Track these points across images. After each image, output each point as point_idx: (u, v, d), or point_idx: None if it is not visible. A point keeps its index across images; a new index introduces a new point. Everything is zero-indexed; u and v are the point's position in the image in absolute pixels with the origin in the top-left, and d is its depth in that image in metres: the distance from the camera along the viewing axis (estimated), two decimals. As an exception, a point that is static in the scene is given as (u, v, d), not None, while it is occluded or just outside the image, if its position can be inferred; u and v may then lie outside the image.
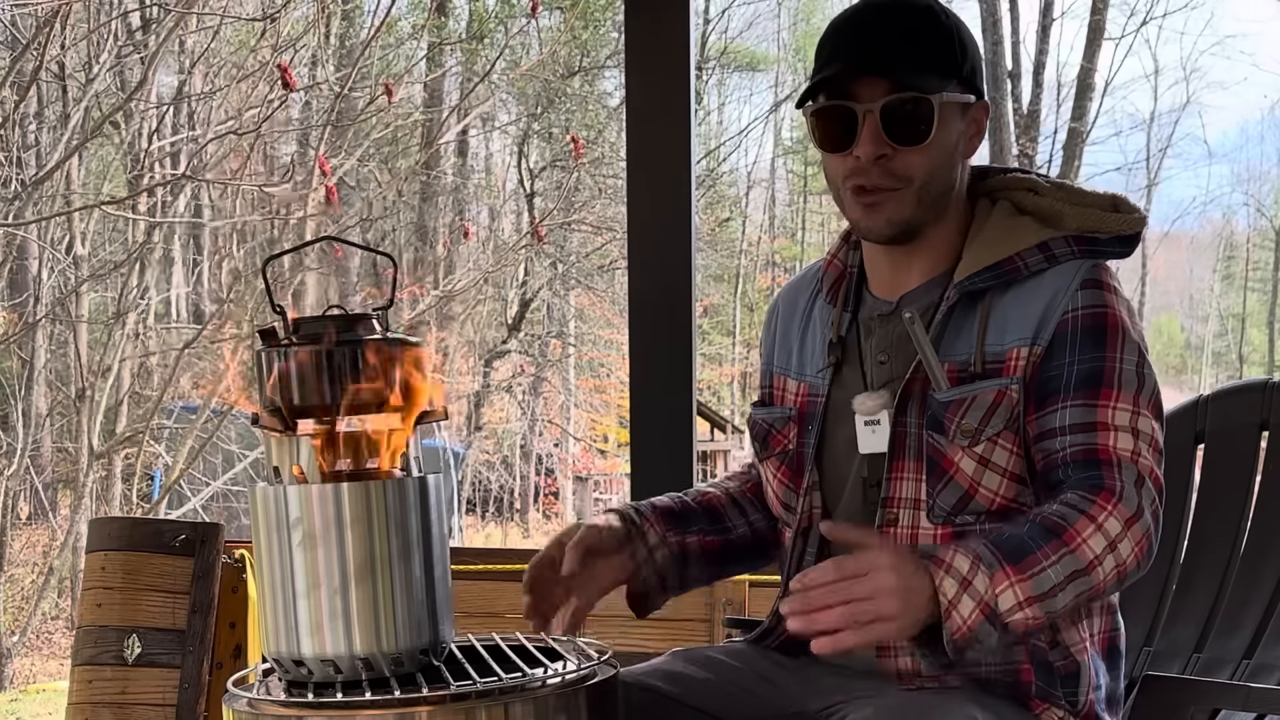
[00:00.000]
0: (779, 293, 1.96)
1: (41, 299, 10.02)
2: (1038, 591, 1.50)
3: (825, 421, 1.77)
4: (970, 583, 1.49)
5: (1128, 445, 1.60)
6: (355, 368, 1.45)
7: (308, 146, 10.82)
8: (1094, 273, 1.67)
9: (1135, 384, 1.63)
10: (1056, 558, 1.52)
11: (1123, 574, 1.56)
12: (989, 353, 1.66)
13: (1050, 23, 17.51)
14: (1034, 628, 1.52)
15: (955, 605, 1.48)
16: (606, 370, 16.83)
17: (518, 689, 1.43)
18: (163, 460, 10.27)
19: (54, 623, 10.53)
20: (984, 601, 1.49)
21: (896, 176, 1.66)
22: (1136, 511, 1.57)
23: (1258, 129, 26.92)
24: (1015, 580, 1.50)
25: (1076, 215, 1.70)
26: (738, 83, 20.25)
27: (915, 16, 1.68)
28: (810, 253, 20.68)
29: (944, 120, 1.66)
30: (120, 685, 3.07)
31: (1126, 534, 1.55)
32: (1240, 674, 2.01)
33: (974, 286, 1.68)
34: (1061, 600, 1.52)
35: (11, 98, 8.17)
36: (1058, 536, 1.53)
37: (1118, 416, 1.61)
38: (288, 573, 1.45)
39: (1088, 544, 1.53)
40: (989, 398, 1.64)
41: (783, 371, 1.86)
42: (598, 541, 1.79)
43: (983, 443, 1.64)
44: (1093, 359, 1.62)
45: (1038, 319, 1.65)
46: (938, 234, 1.72)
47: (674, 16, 2.94)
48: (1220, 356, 23.59)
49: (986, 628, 1.50)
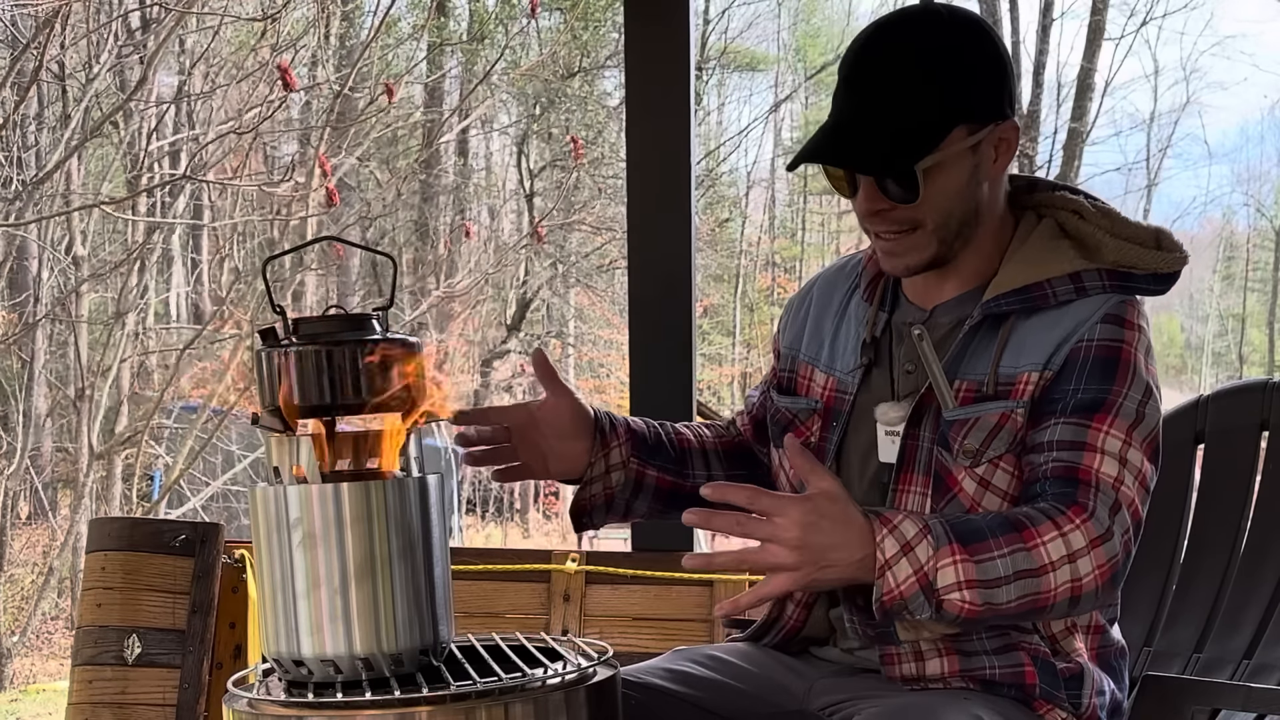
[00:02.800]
0: (815, 278, 1.93)
1: (41, 299, 10.02)
2: (981, 577, 1.48)
3: (850, 421, 1.76)
4: (912, 549, 1.48)
5: (1111, 471, 1.58)
6: (355, 368, 1.45)
7: (308, 146, 10.82)
8: (1119, 308, 1.65)
9: (1134, 417, 1.61)
10: (1009, 550, 1.50)
11: (1078, 592, 1.52)
12: (1002, 375, 1.65)
13: (1050, 23, 17.49)
14: (969, 616, 1.49)
15: (890, 566, 1.47)
16: (606, 370, 16.82)
17: (518, 689, 1.43)
18: (163, 460, 10.27)
19: (54, 623, 10.52)
20: (923, 571, 1.47)
21: (904, 221, 1.65)
22: (1105, 533, 1.54)
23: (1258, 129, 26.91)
24: (960, 559, 1.48)
25: (1115, 248, 1.68)
26: (738, 83, 20.23)
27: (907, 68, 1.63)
28: (810, 253, 20.66)
29: (939, 173, 1.63)
30: (120, 685, 3.07)
31: (1090, 552, 1.52)
32: (1240, 674, 2.01)
33: (999, 309, 1.67)
34: (1005, 595, 1.49)
35: (11, 98, 8.16)
36: (1016, 531, 1.51)
37: (1108, 443, 1.59)
38: (288, 573, 1.45)
39: (1045, 547, 1.51)
40: (993, 419, 1.64)
41: (811, 361, 1.84)
42: (564, 416, 1.79)
43: (984, 464, 1.64)
44: (1098, 390, 1.61)
45: (1054, 346, 1.64)
46: (973, 252, 1.70)
47: (674, 16, 2.94)
48: (1220, 356, 23.57)
49: (920, 599, 1.48)
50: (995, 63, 1.67)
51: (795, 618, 1.81)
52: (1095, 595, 1.54)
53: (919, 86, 1.63)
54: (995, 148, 1.67)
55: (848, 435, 1.76)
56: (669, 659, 1.81)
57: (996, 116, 1.66)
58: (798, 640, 1.82)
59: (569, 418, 1.81)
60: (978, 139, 1.65)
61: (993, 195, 1.70)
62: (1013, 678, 1.64)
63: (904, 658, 1.66)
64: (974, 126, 1.65)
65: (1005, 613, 1.51)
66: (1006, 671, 1.64)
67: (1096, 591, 1.54)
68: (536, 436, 1.80)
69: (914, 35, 1.65)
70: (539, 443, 1.81)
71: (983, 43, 1.67)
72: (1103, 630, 1.73)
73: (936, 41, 1.64)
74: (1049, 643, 1.67)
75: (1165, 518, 2.21)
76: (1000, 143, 1.67)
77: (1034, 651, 1.65)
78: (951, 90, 1.63)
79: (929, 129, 1.62)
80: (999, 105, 1.67)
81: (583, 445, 1.82)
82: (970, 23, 1.67)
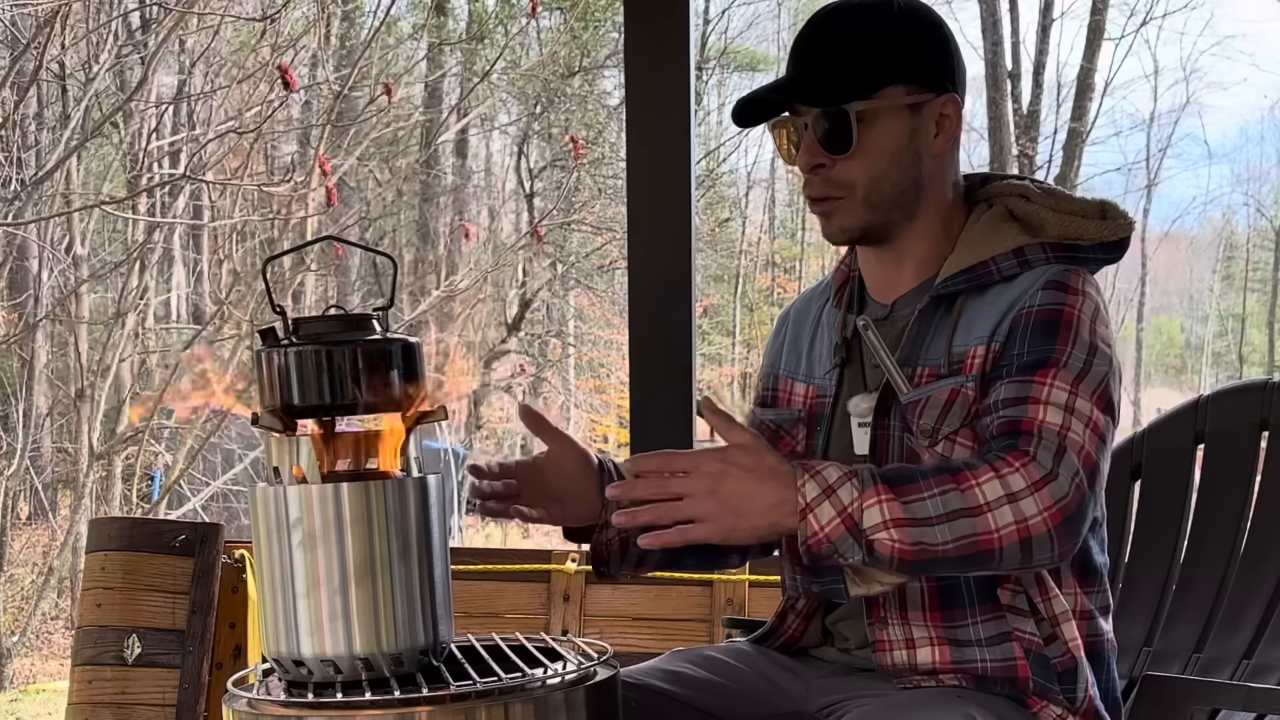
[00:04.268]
0: (792, 302, 1.97)
1: (41, 299, 10.02)
2: (910, 516, 1.46)
3: (832, 423, 1.77)
4: (835, 491, 1.47)
5: (1056, 419, 1.56)
6: (355, 368, 1.46)
7: (308, 146, 10.82)
8: (1062, 275, 1.66)
9: (1080, 370, 1.60)
10: (939, 490, 1.48)
11: (1025, 534, 1.48)
12: (955, 354, 1.67)
13: (1050, 23, 17.48)
14: (903, 557, 1.47)
15: (812, 509, 1.47)
16: (606, 370, 16.81)
17: (518, 689, 1.43)
18: (163, 460, 10.27)
19: (54, 623, 10.52)
20: (847, 512, 1.47)
21: (837, 184, 1.70)
22: (1049, 475, 1.51)
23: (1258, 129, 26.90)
24: (885, 499, 1.47)
25: (1058, 222, 1.70)
26: (738, 83, 20.22)
27: (844, 24, 1.71)
28: (810, 253, 20.66)
29: (873, 125, 1.68)
30: (120, 685, 3.07)
31: (1033, 494, 1.49)
32: (1240, 674, 2.01)
33: (946, 290, 1.70)
34: (939, 535, 1.46)
35: (11, 98, 8.16)
36: (950, 474, 1.50)
37: (1053, 394, 1.58)
38: (288, 573, 1.45)
39: (981, 488, 1.49)
40: (943, 396, 1.65)
41: (789, 375, 1.87)
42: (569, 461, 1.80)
43: (941, 441, 1.65)
44: (1041, 349, 1.61)
45: (999, 318, 1.66)
46: (920, 236, 1.74)
47: (674, 16, 2.94)
48: (1220, 356, 23.57)
49: (848, 541, 1.47)
50: (938, 39, 1.73)
51: (794, 627, 1.84)
52: (1050, 539, 1.49)
53: (856, 42, 1.70)
54: (936, 121, 1.71)
55: (831, 438, 1.78)
56: (666, 660, 1.82)
57: (936, 87, 1.71)
58: (799, 642, 1.83)
59: (574, 462, 1.81)
60: (915, 100, 1.69)
61: (936, 174, 1.73)
62: (1004, 671, 1.64)
63: (895, 645, 1.67)
64: (912, 89, 1.70)
65: (943, 555, 1.47)
66: (998, 665, 1.64)
67: (1050, 535, 1.49)
68: (546, 485, 1.80)
69: (857, 8, 1.72)
70: (549, 490, 1.81)
71: (924, 21, 1.73)
72: (1090, 617, 1.71)
73: (878, 12, 1.71)
74: (1048, 625, 1.66)
75: (1165, 518, 2.21)
76: (941, 118, 1.72)
77: (1028, 643, 1.64)
78: (888, 48, 1.69)
79: (863, 77, 1.69)
80: (939, 78, 1.72)
81: (591, 491, 1.82)
82: (917, 5, 1.74)
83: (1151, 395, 20.56)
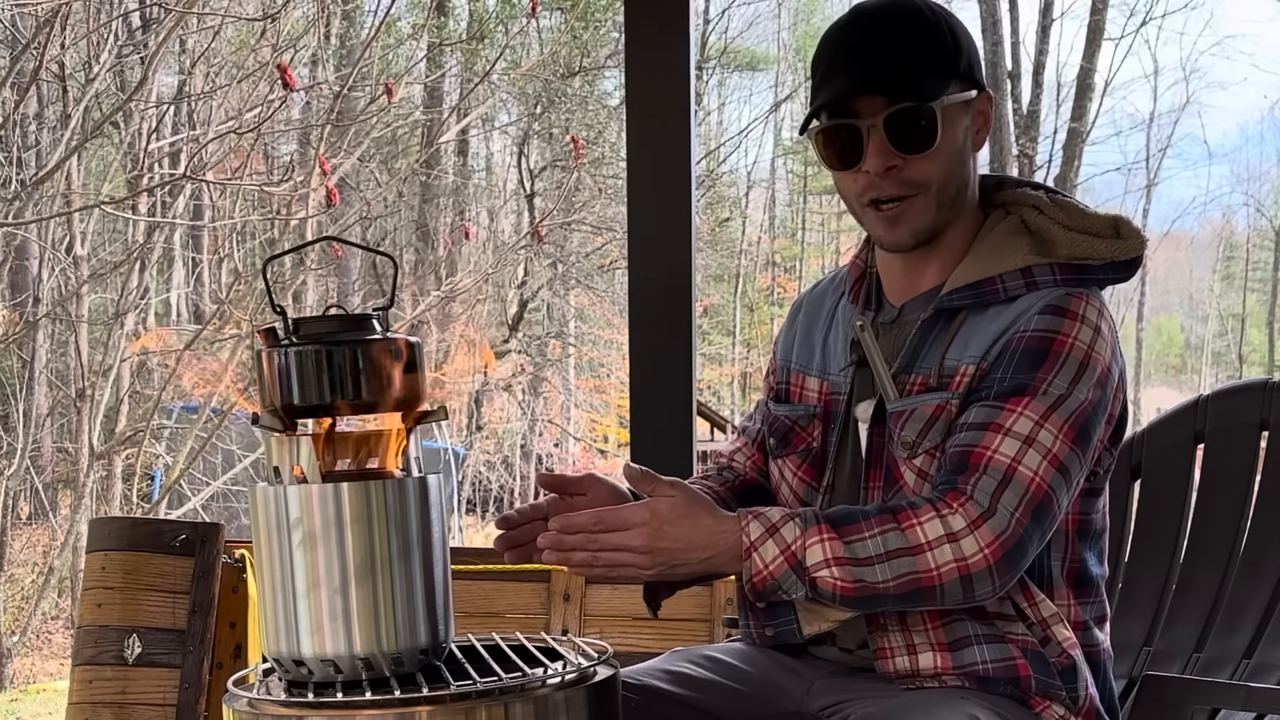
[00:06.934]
0: (804, 293, 1.95)
1: (42, 299, 10.02)
2: (850, 555, 1.52)
3: (845, 422, 1.77)
4: (778, 529, 1.53)
5: (1009, 452, 1.56)
6: (355, 368, 1.45)
7: (308, 146, 10.82)
8: (1062, 300, 1.64)
9: (1054, 401, 1.59)
10: (879, 530, 1.53)
11: (965, 570, 1.52)
12: (947, 368, 1.66)
13: (1050, 23, 17.50)
14: (844, 594, 1.52)
15: (756, 548, 1.53)
16: (606, 370, 16.82)
17: (518, 689, 1.43)
18: (163, 460, 10.27)
19: (54, 623, 10.53)
20: (790, 550, 1.52)
21: (910, 184, 1.66)
22: (987, 511, 1.53)
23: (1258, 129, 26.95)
24: (827, 537, 1.52)
25: (1069, 242, 1.68)
26: (738, 83, 20.24)
27: (905, 22, 1.67)
28: (810, 253, 20.66)
29: (948, 122, 1.65)
30: (120, 685, 3.07)
31: (973, 532, 1.52)
32: (1240, 674, 2.01)
33: (950, 304, 1.68)
34: (880, 574, 1.51)
35: (11, 98, 8.16)
36: (891, 514, 1.54)
37: (1018, 423, 1.58)
38: (288, 573, 1.45)
39: (921, 527, 1.53)
40: (928, 411, 1.65)
41: (803, 369, 1.85)
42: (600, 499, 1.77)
43: (920, 455, 1.65)
44: (1022, 376, 1.60)
45: (993, 339, 1.64)
46: (951, 238, 1.72)
47: (674, 16, 2.93)
48: (1220, 356, 23.58)
49: (791, 578, 1.53)
50: (970, 38, 1.72)
51: None
52: (990, 575, 1.53)
53: (923, 39, 1.66)
54: (975, 119, 1.70)
55: (843, 437, 1.77)
56: (667, 660, 1.82)
57: (980, 85, 1.70)
58: (799, 642, 1.83)
59: (604, 500, 1.77)
60: (969, 98, 1.68)
61: (973, 174, 1.73)
62: (1006, 672, 1.64)
63: (896, 652, 1.67)
64: (966, 86, 1.68)
65: (885, 592, 1.52)
66: (999, 666, 1.64)
67: (991, 571, 1.52)
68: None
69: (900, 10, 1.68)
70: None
71: (957, 20, 1.71)
72: (1085, 627, 1.71)
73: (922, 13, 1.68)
74: (1040, 628, 1.66)
75: (1165, 518, 2.21)
76: (978, 115, 1.71)
77: (1023, 644, 1.64)
78: (948, 45, 1.67)
79: (938, 72, 1.65)
80: (980, 75, 1.71)
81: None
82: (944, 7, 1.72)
83: (1151, 395, 20.57)
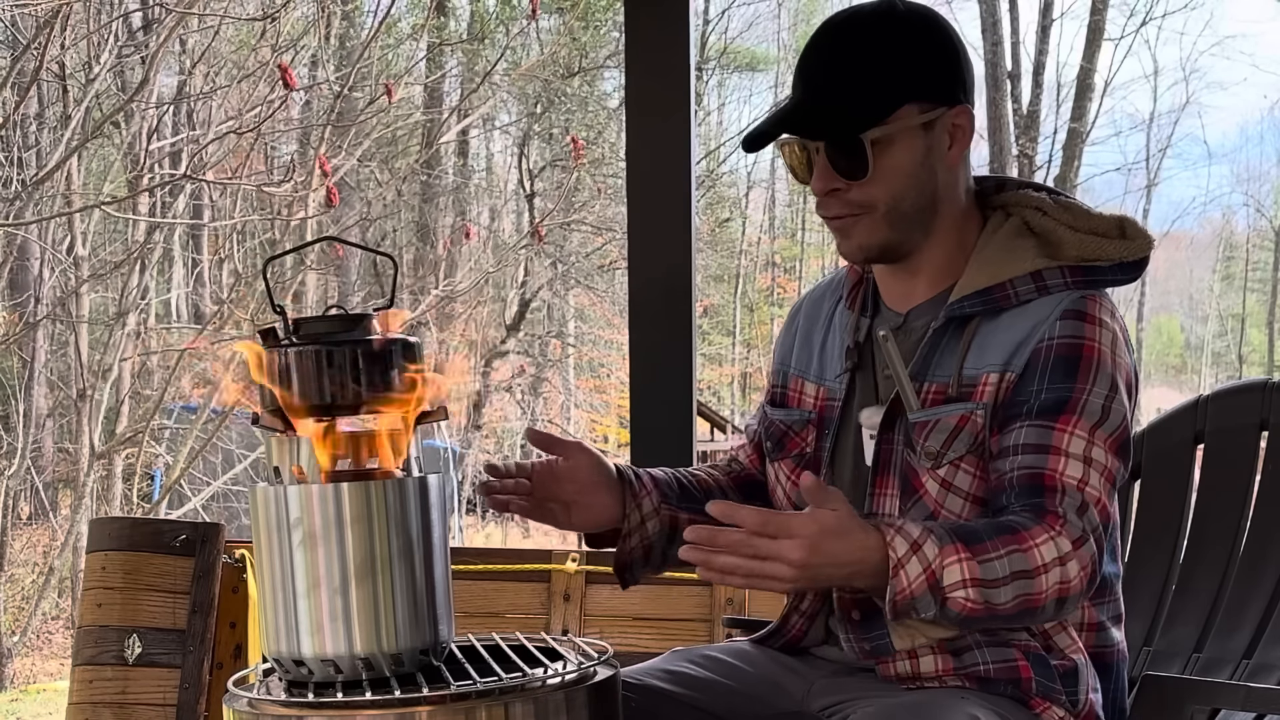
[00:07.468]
0: (803, 296, 1.95)
1: (42, 299, 10.03)
2: (984, 576, 1.51)
3: (840, 428, 1.77)
4: (920, 547, 1.50)
5: (1076, 473, 1.59)
6: (355, 367, 1.45)
7: (308, 146, 10.82)
8: (1079, 304, 1.65)
9: (1098, 416, 1.61)
10: (1005, 551, 1.52)
11: (1065, 593, 1.55)
12: (966, 377, 1.66)
13: (1050, 23, 17.50)
14: (970, 615, 1.51)
15: (903, 565, 1.49)
16: (606, 370, 16.82)
17: (518, 689, 1.43)
18: (163, 460, 10.27)
19: (54, 623, 10.53)
20: (930, 569, 1.50)
21: (856, 204, 1.67)
22: (1082, 536, 1.56)
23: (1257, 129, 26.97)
24: (964, 557, 1.51)
25: (1077, 243, 1.68)
26: (738, 83, 20.25)
27: (857, 47, 1.66)
28: (810, 253, 20.65)
29: (895, 147, 1.64)
30: (120, 685, 3.07)
31: (1074, 555, 1.55)
32: (1240, 674, 2.01)
33: (961, 311, 1.68)
34: (1003, 595, 1.51)
35: (12, 98, 8.16)
36: (1011, 534, 1.54)
37: (1073, 444, 1.59)
38: (288, 573, 1.45)
39: (1039, 549, 1.53)
40: (952, 421, 1.65)
41: (800, 374, 1.85)
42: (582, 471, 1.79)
43: (945, 465, 1.65)
44: (1061, 388, 1.61)
45: (1014, 347, 1.64)
46: (936, 248, 1.71)
47: (674, 16, 2.94)
48: (1220, 356, 23.58)
49: (927, 599, 1.50)
50: (946, 49, 1.69)
51: (798, 627, 1.83)
52: (1079, 597, 1.57)
53: (867, 64, 1.65)
54: (949, 133, 1.68)
55: (839, 442, 1.77)
56: (667, 660, 1.82)
57: (949, 100, 1.67)
58: (800, 642, 1.83)
59: (586, 472, 1.80)
60: (929, 118, 1.66)
61: (951, 185, 1.70)
62: (1007, 673, 1.64)
63: (899, 656, 1.67)
64: (925, 106, 1.66)
65: (1001, 613, 1.53)
66: (1001, 667, 1.64)
67: (1081, 594, 1.57)
68: (556, 489, 1.80)
69: (864, 23, 1.68)
70: (559, 494, 1.80)
71: (932, 30, 1.68)
72: (1099, 628, 1.72)
73: (886, 27, 1.67)
74: (1041, 638, 1.66)
75: (1165, 518, 2.21)
76: (955, 129, 1.68)
77: (1026, 647, 1.65)
78: (899, 68, 1.65)
79: (877, 101, 1.64)
80: (951, 89, 1.68)
81: (603, 499, 1.81)
82: (922, 14, 1.69)
83: (1151, 395, 20.56)
